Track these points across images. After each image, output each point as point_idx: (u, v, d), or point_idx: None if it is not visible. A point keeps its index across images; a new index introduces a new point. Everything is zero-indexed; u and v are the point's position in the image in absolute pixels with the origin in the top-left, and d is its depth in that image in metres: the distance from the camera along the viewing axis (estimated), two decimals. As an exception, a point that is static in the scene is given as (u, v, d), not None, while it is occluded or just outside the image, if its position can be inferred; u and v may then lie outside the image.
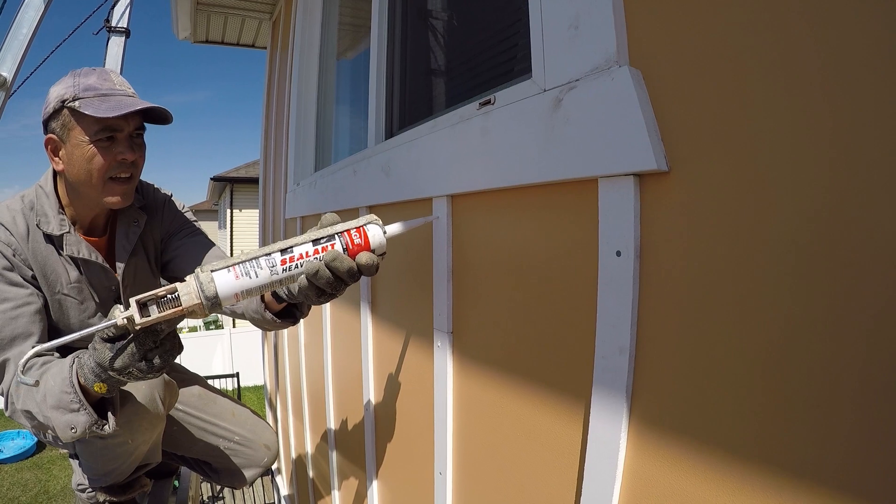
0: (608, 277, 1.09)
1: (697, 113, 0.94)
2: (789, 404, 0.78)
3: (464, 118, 1.58)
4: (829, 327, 0.74)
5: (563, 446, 1.25)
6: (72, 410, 1.52)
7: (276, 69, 5.49)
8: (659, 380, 1.00)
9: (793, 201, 0.78)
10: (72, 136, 1.88)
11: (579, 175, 1.13)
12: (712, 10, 0.92)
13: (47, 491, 10.79)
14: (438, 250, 1.74)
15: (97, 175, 1.90)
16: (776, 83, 0.81)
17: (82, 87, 1.85)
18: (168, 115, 1.98)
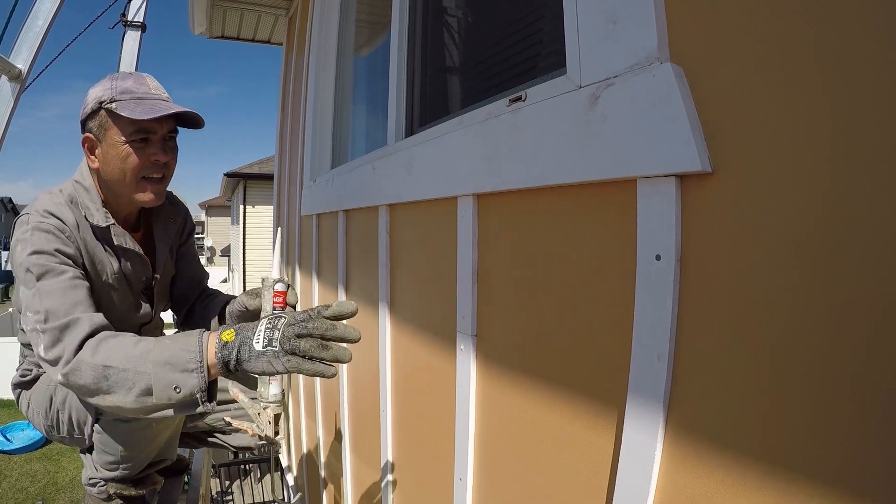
0: (646, 282, 1.06)
1: (742, 112, 0.90)
2: (838, 416, 0.75)
3: (492, 115, 1.55)
4: (883, 336, 0.70)
5: (593, 455, 1.21)
6: (184, 370, 1.56)
7: (293, 65, 5.48)
8: (698, 388, 0.97)
9: (842, 207, 0.75)
10: (108, 135, 1.98)
11: (617, 175, 1.10)
12: (759, 4, 0.88)
13: (56, 482, 10.86)
14: (463, 251, 1.71)
15: (131, 174, 2.01)
16: (829, 82, 0.77)
17: (119, 90, 1.95)
18: (200, 120, 2.10)
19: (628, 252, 1.10)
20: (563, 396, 1.31)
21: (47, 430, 2.24)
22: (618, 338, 1.13)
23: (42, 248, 1.84)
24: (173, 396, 1.56)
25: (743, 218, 0.90)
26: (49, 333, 1.70)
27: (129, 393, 1.58)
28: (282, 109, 6.03)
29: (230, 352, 1.54)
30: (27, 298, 1.78)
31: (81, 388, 1.64)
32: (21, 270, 1.82)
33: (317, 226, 3.92)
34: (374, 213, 2.52)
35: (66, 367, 1.64)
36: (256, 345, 1.50)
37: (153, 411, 1.61)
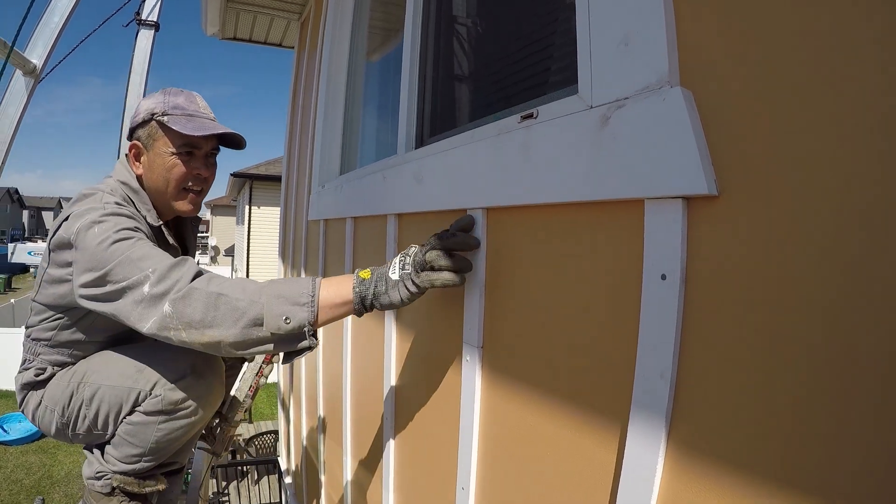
0: (652, 300, 1.07)
1: (749, 138, 0.92)
2: (841, 436, 0.76)
3: (503, 130, 1.57)
4: (884, 362, 0.72)
5: (595, 468, 1.23)
6: (296, 304, 1.63)
7: (304, 69, 5.50)
8: (700, 406, 0.98)
9: (846, 233, 0.77)
10: (156, 145, 2.16)
11: (625, 196, 1.12)
12: (767, 33, 0.91)
13: (51, 475, 10.86)
14: (472, 262, 1.71)
15: (174, 183, 2.19)
16: (837, 111, 0.79)
17: (171, 105, 2.15)
18: (242, 142, 2.30)
19: (635, 270, 1.12)
20: (568, 410, 1.32)
21: (59, 429, 2.26)
22: (623, 354, 1.15)
23: (127, 225, 1.95)
24: (282, 327, 1.62)
25: (747, 240, 0.92)
26: (157, 273, 1.76)
27: (236, 324, 1.65)
28: (291, 113, 6.06)
29: (368, 287, 1.63)
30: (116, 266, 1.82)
31: (187, 316, 1.68)
32: (103, 246, 1.86)
33: (324, 231, 3.92)
34: (382, 221, 2.54)
35: (179, 293, 1.71)
36: (392, 275, 1.60)
37: (252, 345, 1.67)
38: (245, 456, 11.46)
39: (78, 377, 2.20)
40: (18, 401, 2.36)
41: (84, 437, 2.28)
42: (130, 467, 2.24)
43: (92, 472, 2.31)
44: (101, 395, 2.15)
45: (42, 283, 2.14)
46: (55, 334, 2.20)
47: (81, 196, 2.12)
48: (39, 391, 2.27)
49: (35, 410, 2.28)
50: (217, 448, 3.23)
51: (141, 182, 2.25)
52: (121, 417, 2.18)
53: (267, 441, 11.94)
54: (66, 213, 2.04)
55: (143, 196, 2.24)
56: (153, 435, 2.18)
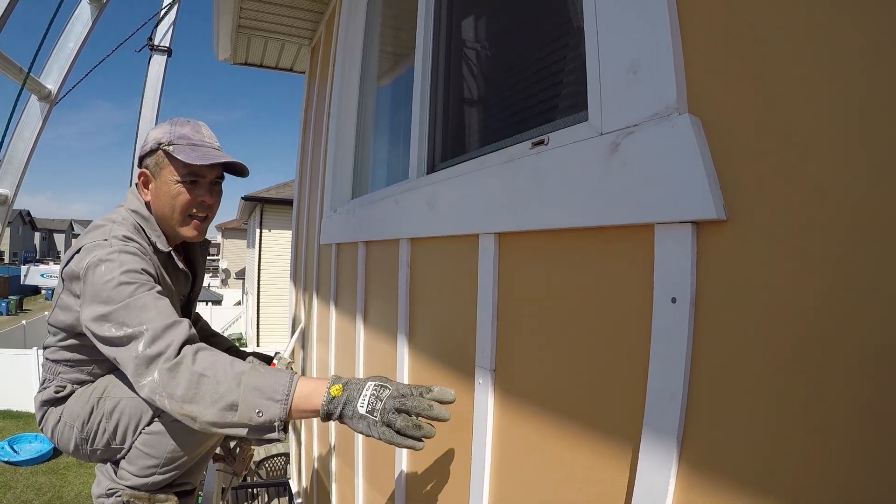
0: (662, 323, 1.09)
1: (757, 163, 0.94)
2: (858, 462, 0.77)
3: (515, 157, 1.59)
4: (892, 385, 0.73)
5: (607, 491, 1.23)
6: (270, 399, 1.67)
7: (315, 94, 5.53)
8: (711, 428, 0.99)
9: (856, 258, 0.78)
10: (162, 174, 2.25)
11: (635, 221, 1.13)
12: (774, 61, 0.92)
13: (61, 496, 10.85)
14: (484, 287, 1.73)
15: (179, 210, 2.27)
16: (845, 137, 0.81)
17: (177, 135, 2.23)
18: (245, 170, 2.40)
19: (645, 294, 1.14)
20: (580, 432, 1.33)
21: (77, 445, 2.28)
22: (634, 376, 1.16)
23: (133, 267, 1.99)
24: (254, 418, 1.66)
25: (756, 263, 0.93)
26: (150, 332, 1.80)
27: (214, 405, 1.69)
28: (303, 137, 6.09)
29: (336, 406, 1.63)
30: (116, 310, 1.87)
31: (171, 388, 1.73)
32: (108, 286, 1.91)
33: (336, 255, 3.93)
34: (395, 246, 2.55)
35: (168, 363, 1.75)
36: (360, 408, 1.59)
37: (227, 427, 1.70)
38: (256, 478, 11.43)
39: (98, 392, 2.24)
40: (38, 419, 2.38)
41: (102, 453, 2.30)
42: (143, 481, 2.26)
43: (102, 490, 2.32)
44: (121, 408, 2.19)
45: (56, 307, 2.19)
46: (73, 355, 2.25)
47: (93, 227, 2.20)
48: (59, 408, 2.30)
49: (55, 427, 2.30)
50: (237, 468, 3.26)
51: (150, 208, 2.32)
52: (140, 428, 2.21)
53: (277, 464, 11.90)
54: (77, 245, 2.10)
55: (153, 223, 2.30)
56: (170, 444, 2.22)
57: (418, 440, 1.53)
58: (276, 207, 22.85)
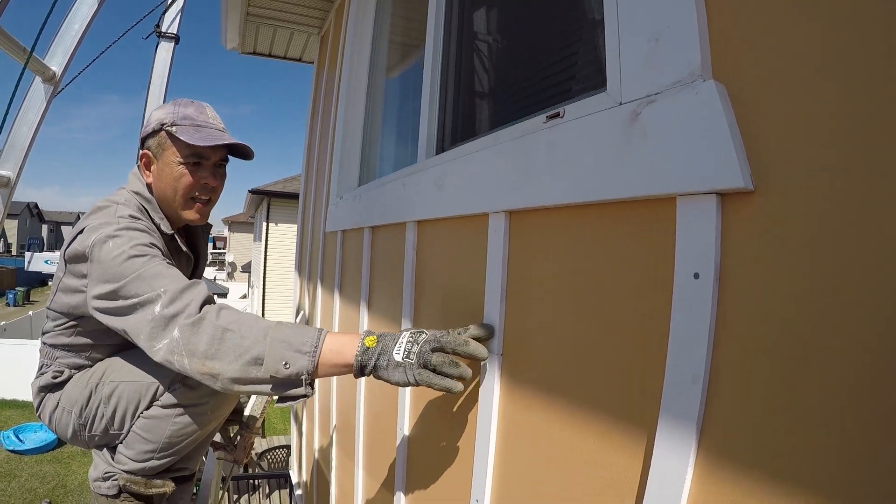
0: (683, 301, 1.03)
1: (785, 130, 0.89)
2: (886, 444, 0.72)
3: (528, 132, 1.54)
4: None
5: (619, 479, 1.18)
6: (298, 351, 1.63)
7: (323, 83, 5.52)
8: (734, 412, 0.94)
9: (891, 226, 0.73)
10: (165, 155, 2.21)
11: (657, 192, 1.08)
12: (802, 23, 0.88)
13: (65, 485, 10.90)
14: (492, 268, 1.69)
15: (181, 192, 2.23)
16: (879, 101, 0.75)
17: (181, 116, 2.20)
18: (250, 152, 2.35)
19: (665, 270, 1.08)
20: (591, 418, 1.28)
21: (75, 431, 2.26)
22: (651, 358, 1.11)
23: (142, 241, 1.97)
24: (280, 371, 1.63)
25: (785, 236, 0.88)
26: (169, 294, 1.79)
27: (238, 360, 1.66)
28: (310, 127, 6.09)
29: (370, 357, 1.60)
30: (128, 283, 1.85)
31: (192, 344, 1.70)
32: (118, 261, 1.89)
33: (341, 242, 3.91)
34: (401, 229, 2.52)
35: (189, 319, 1.74)
36: (396, 355, 1.57)
37: (250, 383, 1.68)
38: (257, 469, 11.46)
39: (97, 377, 2.22)
40: (35, 405, 2.36)
41: (100, 439, 2.28)
42: (140, 465, 2.24)
43: (99, 473, 2.30)
44: (119, 392, 2.17)
45: (57, 291, 2.16)
46: (72, 339, 2.23)
47: (96, 209, 2.16)
48: (56, 393, 2.28)
49: (52, 413, 2.29)
50: (238, 455, 3.25)
51: (151, 190, 2.30)
52: (138, 413, 2.19)
53: (279, 455, 11.94)
54: (81, 226, 2.07)
55: (155, 205, 2.28)
56: (168, 429, 2.20)
57: (456, 380, 1.51)
58: (282, 201, 22.91)
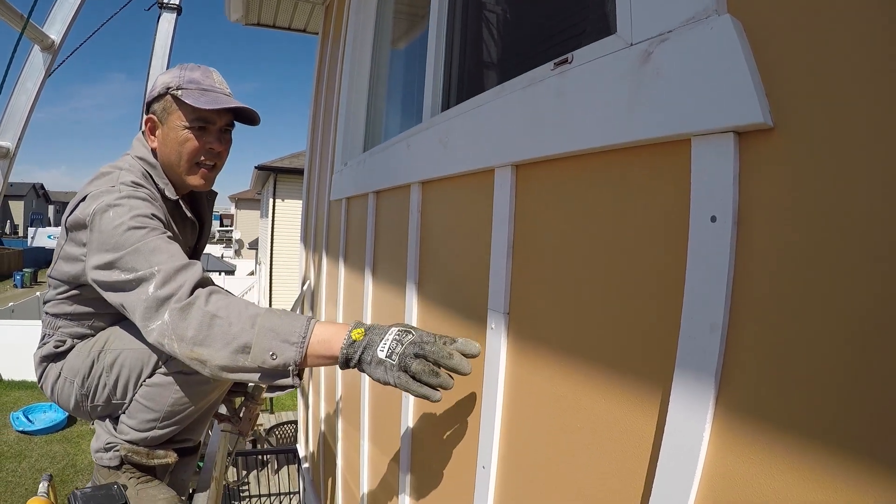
0: (700, 245, 0.98)
1: (806, 64, 0.85)
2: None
3: (535, 80, 1.49)
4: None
5: (632, 439, 1.14)
6: (285, 341, 1.62)
7: (328, 53, 5.50)
8: (755, 364, 0.89)
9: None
10: (170, 119, 2.18)
11: (671, 132, 1.03)
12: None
13: (75, 465, 11.00)
14: (498, 224, 1.65)
15: (186, 157, 2.21)
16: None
17: (186, 80, 2.17)
18: (256, 117, 2.30)
19: (680, 214, 1.03)
20: (602, 376, 1.24)
21: (78, 402, 2.25)
22: (666, 308, 1.06)
23: (142, 212, 1.95)
24: (267, 361, 1.62)
25: (807, 176, 0.83)
26: (162, 273, 1.77)
27: (226, 347, 1.65)
28: (315, 97, 6.07)
29: (356, 350, 1.58)
30: (126, 255, 1.84)
31: (181, 329, 1.69)
32: (117, 232, 1.87)
33: (346, 210, 3.90)
34: (405, 191, 2.49)
35: (179, 303, 1.72)
36: (380, 352, 1.55)
37: (238, 371, 1.67)
38: (265, 445, 11.49)
39: (99, 345, 2.20)
40: (38, 376, 2.35)
41: (102, 409, 2.27)
42: (143, 435, 2.22)
43: (101, 444, 2.29)
44: (122, 360, 2.15)
45: (58, 259, 2.14)
46: (74, 308, 2.21)
47: (99, 174, 2.14)
48: (59, 363, 2.27)
49: (54, 384, 2.27)
50: (243, 427, 3.22)
51: (156, 156, 2.27)
52: (141, 380, 2.17)
53: (287, 431, 12.01)
54: (83, 193, 2.05)
55: (160, 170, 2.26)
56: (171, 397, 2.17)
57: (434, 389, 1.48)
58: (289, 177, 22.92)
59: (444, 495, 2.03)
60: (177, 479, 2.51)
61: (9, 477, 10.36)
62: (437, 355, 1.47)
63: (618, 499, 1.17)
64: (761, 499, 0.86)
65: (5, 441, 11.85)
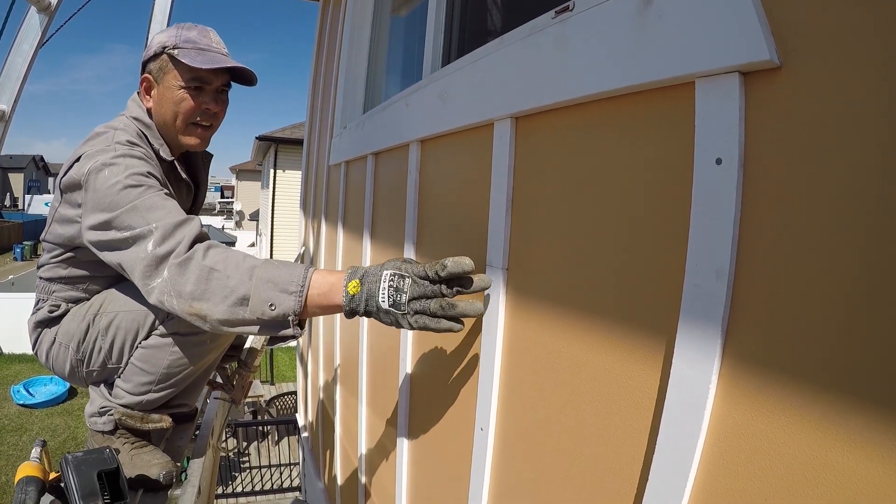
0: (705, 189, 0.96)
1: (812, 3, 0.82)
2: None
3: (536, 29, 1.46)
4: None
5: (634, 393, 1.12)
6: (284, 291, 1.62)
7: (329, 18, 5.49)
8: (763, 311, 0.86)
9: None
10: (166, 79, 2.15)
11: (675, 74, 1.00)
12: None
13: (76, 437, 11.08)
14: (498, 178, 1.63)
15: (182, 117, 2.18)
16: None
17: (183, 39, 2.14)
18: (253, 77, 2.28)
19: (684, 158, 1.01)
20: (604, 328, 1.22)
21: (73, 367, 2.23)
22: (669, 255, 1.04)
23: (138, 170, 1.94)
24: (266, 312, 1.62)
25: (815, 117, 0.81)
26: (160, 230, 1.76)
27: (224, 301, 1.66)
28: (315, 63, 6.07)
29: (357, 304, 1.58)
30: (122, 213, 1.83)
31: (179, 285, 1.71)
32: (113, 191, 1.86)
33: (345, 174, 3.89)
34: (404, 151, 2.48)
35: (178, 258, 1.72)
36: (382, 303, 1.54)
37: (238, 325, 1.68)
38: (266, 416, 11.55)
39: (94, 309, 2.18)
40: (32, 342, 2.32)
41: (98, 374, 2.25)
42: (138, 399, 2.20)
43: (95, 408, 2.26)
44: (117, 323, 2.14)
45: (52, 222, 2.13)
46: (68, 272, 2.20)
47: (94, 135, 2.12)
48: (53, 328, 2.25)
49: (49, 349, 2.25)
50: (236, 395, 3.22)
51: (151, 116, 2.23)
52: (137, 343, 2.16)
53: (288, 402, 12.07)
54: (77, 153, 2.03)
55: (155, 130, 2.23)
56: (167, 359, 2.16)
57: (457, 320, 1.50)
58: (290, 147, 22.92)
59: (442, 458, 2.02)
60: (173, 446, 2.51)
61: (10, 450, 10.45)
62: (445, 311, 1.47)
63: (621, 456, 1.15)
64: (770, 451, 0.84)
65: (6, 414, 11.94)
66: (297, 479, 10.08)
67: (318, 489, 4.84)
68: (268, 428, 10.74)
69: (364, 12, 4.09)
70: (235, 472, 10.12)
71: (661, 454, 1.02)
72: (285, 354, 16.11)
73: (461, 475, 1.83)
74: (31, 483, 1.80)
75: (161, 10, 6.50)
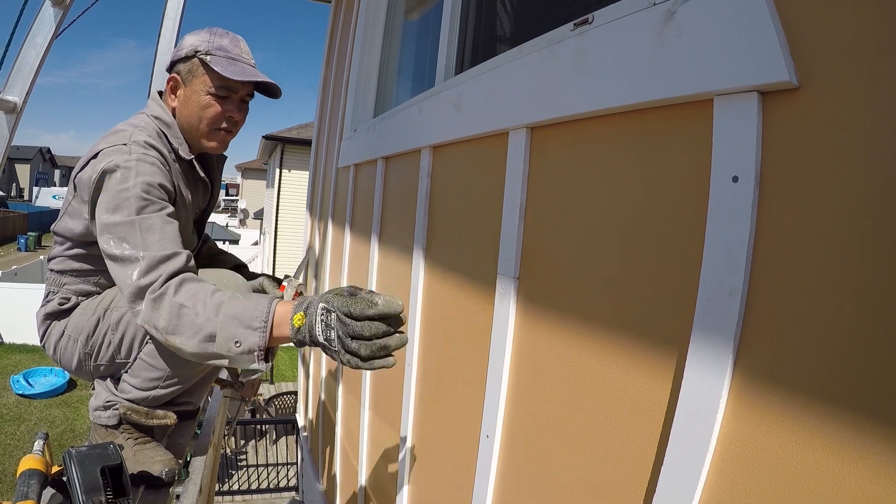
0: (721, 206, 0.96)
1: (833, 23, 0.83)
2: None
3: (554, 41, 1.47)
4: None
5: (643, 403, 1.13)
6: (248, 327, 1.63)
7: (341, 20, 5.48)
8: (775, 328, 0.87)
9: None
10: (194, 82, 2.16)
11: (694, 91, 1.01)
12: None
13: (73, 429, 11.05)
14: (511, 187, 1.64)
15: (206, 122, 2.19)
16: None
17: (216, 46, 2.15)
18: (278, 91, 2.32)
19: (701, 175, 1.02)
20: (614, 339, 1.23)
21: (80, 361, 2.23)
22: (683, 271, 1.04)
23: (150, 180, 1.94)
24: (232, 349, 1.64)
25: (832, 137, 0.82)
26: (146, 261, 1.79)
27: (194, 336, 1.67)
28: (326, 65, 6.05)
29: (303, 336, 1.58)
30: (121, 225, 1.85)
31: (154, 320, 1.73)
32: (121, 196, 1.87)
33: (353, 177, 3.89)
34: (416, 157, 2.48)
35: (154, 293, 1.74)
36: (319, 337, 1.54)
37: (210, 358, 1.70)
38: (265, 415, 11.54)
39: (105, 303, 2.19)
40: (40, 334, 2.32)
41: (105, 369, 2.25)
42: (144, 394, 2.21)
43: (100, 402, 2.26)
44: (129, 318, 2.14)
45: (65, 214, 2.14)
46: (80, 265, 2.21)
47: (113, 131, 2.14)
48: (63, 321, 2.25)
49: (57, 342, 2.25)
50: (246, 392, 3.24)
51: (173, 115, 2.25)
52: (147, 338, 2.16)
53: (287, 401, 12.05)
54: (95, 149, 2.04)
55: (176, 130, 2.23)
56: (176, 355, 2.10)
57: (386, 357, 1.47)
58: (296, 147, 22.91)
59: (446, 465, 2.02)
60: (174, 442, 2.51)
61: (7, 440, 10.44)
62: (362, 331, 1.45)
63: (628, 466, 1.16)
64: (778, 466, 0.85)
65: (4, 404, 11.93)
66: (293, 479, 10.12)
67: (316, 491, 4.83)
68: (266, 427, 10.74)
69: (377, 15, 4.10)
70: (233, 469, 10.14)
71: (670, 465, 1.03)
72: (285, 354, 16.12)
73: (464, 483, 1.83)
74: (33, 476, 1.80)
75: (174, 8, 6.53)
